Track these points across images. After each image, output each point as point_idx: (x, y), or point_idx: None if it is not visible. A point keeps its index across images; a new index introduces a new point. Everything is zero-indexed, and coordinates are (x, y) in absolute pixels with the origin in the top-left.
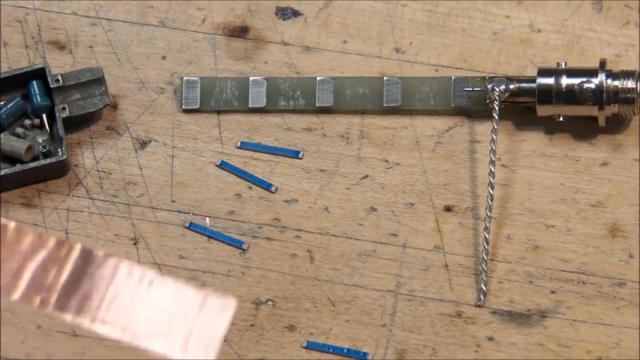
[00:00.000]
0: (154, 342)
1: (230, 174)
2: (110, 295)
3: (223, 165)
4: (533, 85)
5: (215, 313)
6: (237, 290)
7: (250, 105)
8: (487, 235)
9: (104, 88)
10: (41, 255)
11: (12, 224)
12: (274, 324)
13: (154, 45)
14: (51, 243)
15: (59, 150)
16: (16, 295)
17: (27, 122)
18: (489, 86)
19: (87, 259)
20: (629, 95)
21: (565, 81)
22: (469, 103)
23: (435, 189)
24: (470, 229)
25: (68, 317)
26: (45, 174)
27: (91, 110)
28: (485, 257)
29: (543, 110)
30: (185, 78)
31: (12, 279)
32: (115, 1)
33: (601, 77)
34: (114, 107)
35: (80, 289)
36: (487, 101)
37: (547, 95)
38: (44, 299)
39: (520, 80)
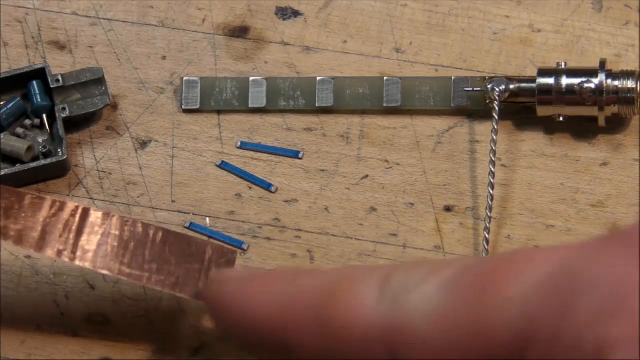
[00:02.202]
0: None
1: (230, 174)
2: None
3: (223, 166)
4: (533, 85)
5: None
6: None
7: (250, 106)
8: (487, 235)
9: (104, 88)
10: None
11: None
12: None
13: (154, 45)
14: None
15: (59, 150)
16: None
17: (27, 122)
18: (489, 86)
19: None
20: (628, 95)
21: (565, 81)
22: (469, 103)
23: (435, 189)
24: (470, 229)
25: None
26: (46, 174)
27: (91, 111)
28: None
29: (543, 110)
30: (185, 78)
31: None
32: (115, 1)
33: (601, 77)
34: (114, 107)
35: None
36: (487, 101)
37: (547, 95)
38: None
39: (520, 80)
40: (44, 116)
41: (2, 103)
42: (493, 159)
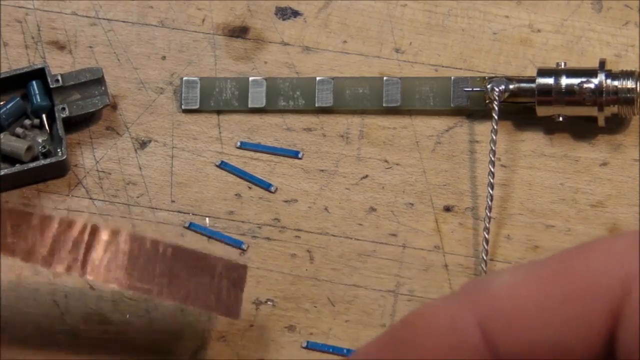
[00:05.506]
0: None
1: (230, 174)
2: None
3: (223, 166)
4: (533, 85)
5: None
6: None
7: (250, 106)
8: (486, 236)
9: (103, 88)
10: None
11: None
12: (273, 324)
13: (153, 45)
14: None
15: (59, 150)
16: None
17: (27, 122)
18: (489, 86)
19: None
20: (628, 95)
21: (565, 81)
22: (469, 103)
23: (435, 189)
24: (470, 229)
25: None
26: (45, 174)
27: (91, 111)
28: (485, 257)
29: (543, 111)
30: (185, 78)
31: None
32: (115, 1)
33: (601, 77)
34: (114, 107)
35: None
36: (487, 101)
37: (546, 95)
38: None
39: (520, 81)
40: (44, 116)
41: (1, 103)
42: (492, 159)
